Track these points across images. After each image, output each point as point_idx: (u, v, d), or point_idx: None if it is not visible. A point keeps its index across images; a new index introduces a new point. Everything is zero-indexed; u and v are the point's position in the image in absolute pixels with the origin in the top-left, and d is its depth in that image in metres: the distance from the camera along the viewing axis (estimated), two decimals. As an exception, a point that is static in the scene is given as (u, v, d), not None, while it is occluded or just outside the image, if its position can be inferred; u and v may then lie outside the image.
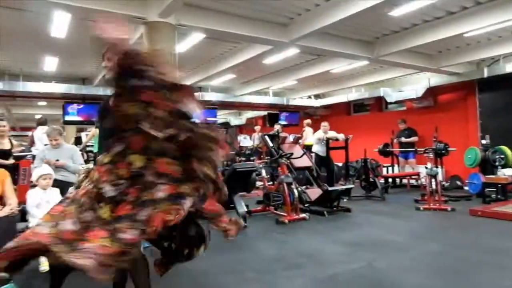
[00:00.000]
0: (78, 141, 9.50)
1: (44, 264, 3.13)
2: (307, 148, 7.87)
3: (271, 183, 7.23)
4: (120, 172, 1.80)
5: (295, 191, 5.62)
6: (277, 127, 8.21)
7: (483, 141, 7.83)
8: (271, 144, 6.48)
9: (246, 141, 12.06)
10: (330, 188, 6.09)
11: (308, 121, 9.70)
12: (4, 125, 4.71)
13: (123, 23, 1.69)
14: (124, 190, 1.76)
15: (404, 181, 9.25)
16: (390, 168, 9.24)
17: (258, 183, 7.69)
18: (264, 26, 5.75)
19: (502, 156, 7.07)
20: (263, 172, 7.02)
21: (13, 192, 3.36)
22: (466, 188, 7.86)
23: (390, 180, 8.97)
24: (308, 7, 5.37)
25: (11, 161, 4.59)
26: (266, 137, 6.69)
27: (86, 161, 6.45)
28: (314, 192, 6.22)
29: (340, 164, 8.64)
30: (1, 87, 8.28)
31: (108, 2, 4.43)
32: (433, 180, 6.10)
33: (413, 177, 8.97)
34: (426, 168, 6.41)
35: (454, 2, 5.30)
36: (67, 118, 9.55)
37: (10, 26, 5.76)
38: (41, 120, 6.93)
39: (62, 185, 3.67)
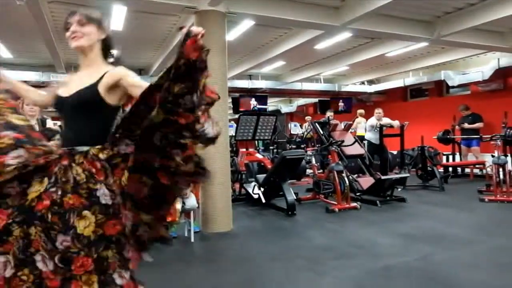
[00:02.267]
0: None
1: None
2: (359, 139, 7.62)
3: (321, 171, 7.12)
4: (116, 180, 1.40)
5: (346, 179, 5.48)
6: (328, 114, 8.02)
7: (562, 128, 6.99)
8: (321, 131, 6.35)
9: (296, 128, 11.95)
10: (383, 177, 5.85)
11: (361, 111, 9.36)
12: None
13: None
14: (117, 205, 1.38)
15: (467, 170, 8.62)
16: (450, 157, 8.65)
17: (308, 171, 7.61)
18: (314, 10, 5.58)
19: None
20: (313, 160, 6.93)
21: None
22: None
23: (450, 169, 8.41)
24: (361, -13, 5.11)
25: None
26: (317, 124, 6.57)
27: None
28: (366, 181, 6.02)
29: (395, 152, 8.26)
30: (68, 79, 8.97)
31: (160, -7, 4.56)
32: (501, 169, 5.61)
33: (477, 166, 8.32)
34: (493, 156, 5.91)
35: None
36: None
37: (74, 21, 6.17)
38: None
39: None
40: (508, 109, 7.18)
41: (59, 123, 5.21)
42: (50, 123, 4.12)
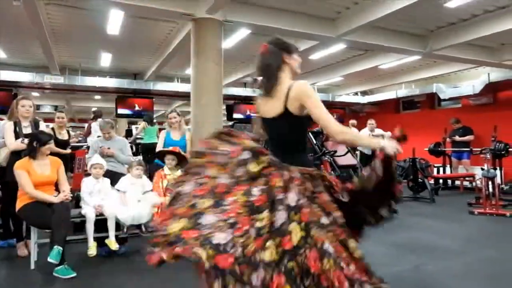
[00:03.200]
0: (129, 133, 10.00)
1: (91, 249, 3.33)
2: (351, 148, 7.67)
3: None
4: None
5: (339, 189, 5.49)
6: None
7: (550, 143, 7.14)
8: (314, 141, 6.38)
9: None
10: (375, 188, 5.88)
11: (353, 121, 9.42)
12: (63, 117, 5.06)
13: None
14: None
15: (457, 182, 8.71)
16: (441, 169, 8.74)
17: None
18: (310, 21, 5.65)
19: None
20: (306, 169, 6.94)
21: (66, 179, 3.61)
22: (528, 193, 7.23)
23: (441, 181, 8.49)
24: (356, 1, 5.20)
25: (68, 150, 4.92)
26: (310, 134, 6.60)
27: (135, 153, 6.76)
28: (358, 191, 6.04)
29: (387, 163, 8.31)
30: (62, 81, 8.91)
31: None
32: (490, 182, 5.68)
33: (467, 178, 8.42)
34: (482, 169, 5.98)
35: (520, -10, 4.87)
36: (120, 111, 10.09)
37: (71, 24, 6.16)
38: (98, 113, 7.43)
39: (112, 175, 3.88)
40: (497, 123, 7.30)
41: (51, 125, 5.17)
42: (43, 125, 4.08)
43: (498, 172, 6.41)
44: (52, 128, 4.91)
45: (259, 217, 1.52)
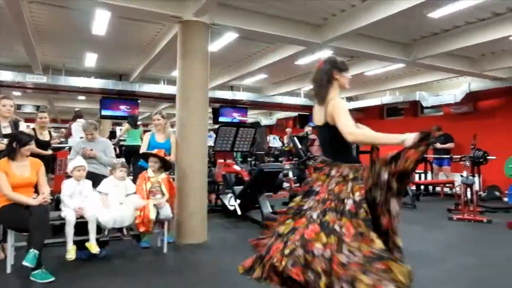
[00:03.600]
0: (112, 135, 9.87)
1: (70, 253, 3.27)
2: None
3: (298, 184, 7.18)
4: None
5: (322, 194, 5.53)
6: (307, 128, 8.13)
7: (527, 151, 7.36)
8: (299, 146, 6.43)
9: (275, 141, 12.03)
10: (358, 193, 5.94)
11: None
12: (46, 117, 4.97)
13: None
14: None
15: (438, 189, 8.89)
16: (423, 175, 8.91)
17: (285, 184, 7.66)
18: (297, 27, 5.70)
19: (547, 168, 6.63)
20: (290, 174, 6.98)
21: (46, 181, 3.53)
22: (505, 199, 7.44)
23: (422, 187, 8.65)
24: (343, 8, 5.27)
25: (49, 152, 4.82)
26: (295, 138, 6.65)
27: (118, 156, 6.66)
28: (342, 196, 6.10)
29: (371, 169, 8.43)
30: (45, 80, 8.74)
31: (146, 1, 4.55)
32: (468, 189, 5.82)
33: (447, 185, 8.60)
34: (462, 176, 6.13)
35: (500, 3, 5.01)
36: (104, 112, 9.95)
37: (55, 23, 6.05)
38: (78, 113, 7.31)
39: (94, 177, 3.82)
40: (477, 131, 7.49)
41: (32, 125, 5.06)
42: (23, 126, 3.99)
43: (476, 179, 6.57)
44: (33, 129, 4.82)
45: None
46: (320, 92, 2.27)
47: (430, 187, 8.91)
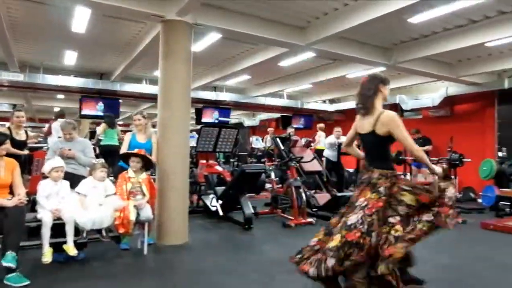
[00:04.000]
0: (92, 135, 9.67)
1: (46, 256, 3.19)
2: (319, 153, 7.82)
3: (280, 185, 7.21)
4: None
5: (303, 195, 5.58)
6: (289, 130, 8.17)
7: (500, 154, 7.65)
8: (282, 147, 6.46)
9: (258, 142, 12.06)
10: (339, 194, 6.03)
11: (321, 125, 9.65)
12: (23, 116, 4.83)
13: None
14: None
15: (416, 190, 9.07)
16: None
17: (267, 185, 7.68)
18: (281, 29, 5.74)
19: (519, 170, 6.88)
20: (272, 175, 7.00)
21: (21, 182, 3.44)
22: (479, 200, 7.67)
23: (402, 188, 8.81)
24: (326, 11, 5.34)
25: (25, 152, 4.69)
26: (278, 139, 6.68)
27: (97, 156, 6.53)
28: (322, 197, 6.17)
29: (351, 170, 8.55)
30: (22, 78, 8.48)
31: (127, -1, 4.48)
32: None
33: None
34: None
35: (476, 10, 5.18)
36: (84, 112, 9.74)
37: (32, 19, 5.89)
38: (60, 113, 7.13)
39: (71, 177, 3.74)
40: (454, 134, 7.71)
41: (7, 124, 4.91)
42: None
43: (453, 181, 6.75)
44: (9, 128, 4.68)
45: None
46: (366, 103, 2.61)
47: (409, 189, 9.08)
